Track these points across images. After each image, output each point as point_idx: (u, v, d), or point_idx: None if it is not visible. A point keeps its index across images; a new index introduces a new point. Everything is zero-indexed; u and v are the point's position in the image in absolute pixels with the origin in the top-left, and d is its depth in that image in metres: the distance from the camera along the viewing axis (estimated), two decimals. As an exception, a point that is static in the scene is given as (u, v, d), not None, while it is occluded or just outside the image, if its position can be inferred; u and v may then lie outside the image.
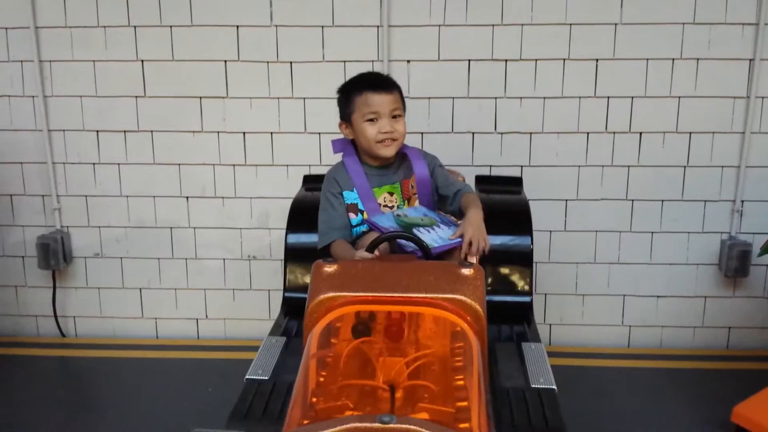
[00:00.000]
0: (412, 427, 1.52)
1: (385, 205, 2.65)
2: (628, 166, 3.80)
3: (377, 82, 2.60)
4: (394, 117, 2.56)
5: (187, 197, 3.96)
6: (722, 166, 3.78)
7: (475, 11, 3.63)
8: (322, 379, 1.80)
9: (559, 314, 4.03)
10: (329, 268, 2.19)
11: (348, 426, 1.53)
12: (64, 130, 3.92)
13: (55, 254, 3.95)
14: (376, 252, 2.40)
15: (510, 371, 2.52)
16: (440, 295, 2.06)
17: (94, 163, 3.95)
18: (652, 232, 3.89)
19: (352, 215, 2.64)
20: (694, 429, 3.19)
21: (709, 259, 3.91)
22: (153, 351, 4.00)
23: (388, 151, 2.58)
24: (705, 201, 3.84)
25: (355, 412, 1.66)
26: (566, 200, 3.86)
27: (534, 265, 3.52)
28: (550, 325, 4.05)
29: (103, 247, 4.06)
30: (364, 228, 2.65)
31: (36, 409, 3.37)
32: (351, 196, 2.64)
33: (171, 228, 4.01)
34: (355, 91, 2.58)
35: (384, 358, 1.86)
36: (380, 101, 2.53)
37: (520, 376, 2.47)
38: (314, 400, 1.70)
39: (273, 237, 3.97)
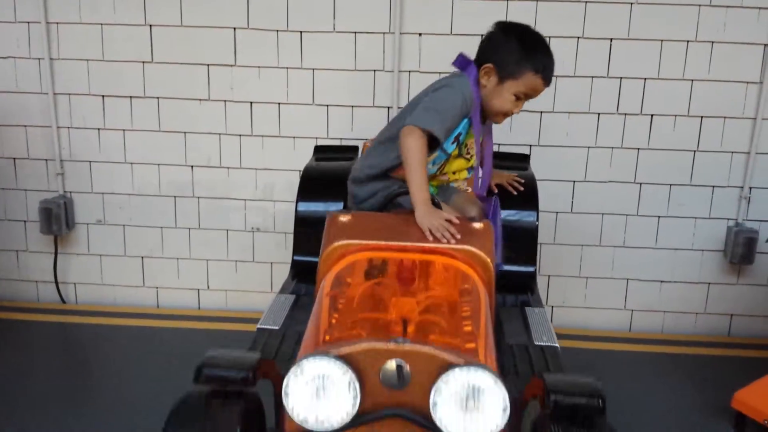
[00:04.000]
0: (425, 347, 1.58)
1: (468, 149, 2.56)
2: (638, 149, 3.77)
3: (550, 76, 2.44)
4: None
5: (192, 166, 3.93)
6: (732, 152, 3.76)
7: (490, -15, 3.59)
8: (334, 321, 1.82)
9: (562, 296, 4.02)
10: (344, 218, 2.25)
11: (364, 345, 1.58)
12: (69, 94, 3.87)
13: (57, 219, 3.92)
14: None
15: (514, 330, 2.54)
16: (452, 246, 2.12)
17: (99, 129, 3.91)
18: (659, 217, 3.87)
19: (451, 141, 2.47)
20: (695, 414, 3.19)
21: (714, 246, 3.90)
22: (153, 320, 3.98)
23: (498, 119, 2.52)
24: (713, 186, 3.82)
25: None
26: (574, 181, 3.84)
27: (538, 238, 3.58)
28: (552, 306, 4.04)
29: (105, 213, 4.03)
30: (443, 159, 2.52)
31: (34, 375, 3.35)
32: (463, 125, 2.46)
33: (175, 197, 3.98)
34: (533, 65, 2.38)
35: (396, 298, 1.88)
36: (541, 90, 2.44)
37: (524, 335, 2.49)
38: (327, 338, 1.71)
39: (277, 209, 3.95)
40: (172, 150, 3.91)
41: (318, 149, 3.39)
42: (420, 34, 3.67)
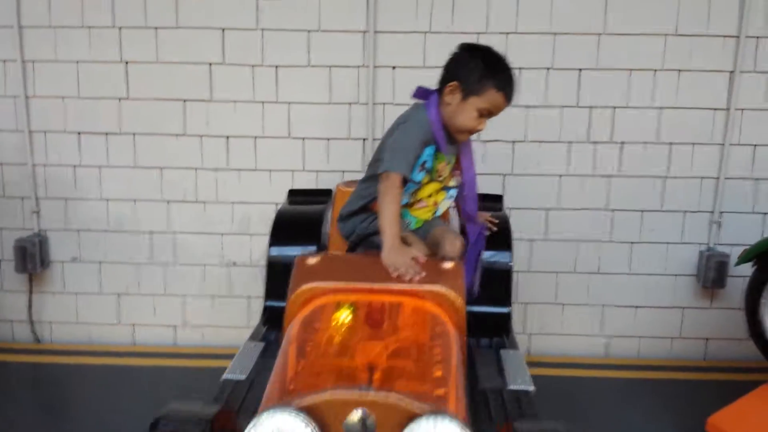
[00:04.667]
0: (390, 395, 1.56)
1: (439, 173, 2.58)
2: (609, 176, 3.84)
3: (513, 90, 2.48)
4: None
5: (168, 201, 3.93)
6: (702, 177, 3.84)
7: (461, 18, 3.67)
8: (299, 369, 1.79)
9: (539, 323, 4.04)
10: (312, 260, 2.22)
11: (327, 395, 1.56)
12: (45, 131, 3.87)
13: (32, 258, 3.88)
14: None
15: (488, 374, 2.55)
16: (421, 287, 2.09)
17: (74, 165, 3.90)
18: (632, 243, 3.92)
19: (418, 170, 2.51)
20: (670, 439, 3.21)
21: (687, 270, 3.95)
22: (129, 358, 3.93)
23: (463, 137, 2.53)
24: (684, 212, 3.89)
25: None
26: (547, 209, 3.89)
27: (514, 276, 3.59)
28: (530, 334, 4.05)
29: (81, 251, 4.00)
30: (413, 188, 2.57)
31: (6, 417, 3.28)
32: (428, 153, 2.50)
33: (151, 233, 3.97)
34: (495, 83, 2.41)
35: (364, 342, 1.86)
36: (503, 108, 2.47)
37: (498, 379, 2.49)
38: (291, 387, 1.69)
39: (254, 243, 3.94)
40: (148, 185, 3.91)
41: (292, 192, 3.41)
42: (394, 67, 3.73)
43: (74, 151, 3.88)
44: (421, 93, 2.58)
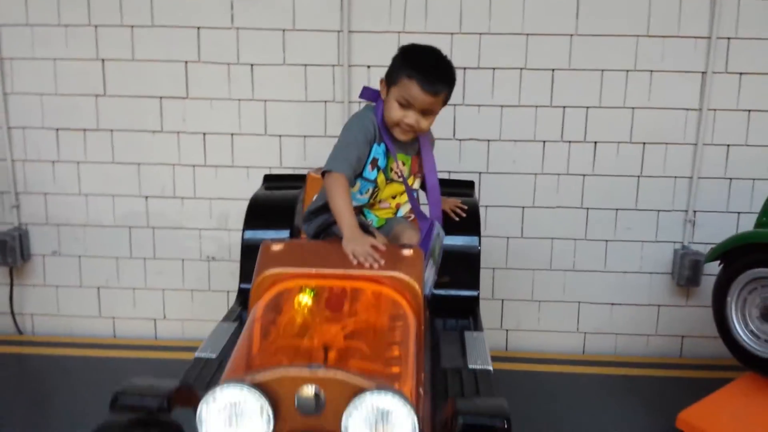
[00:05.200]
0: (338, 372, 1.62)
1: (395, 172, 2.59)
2: (584, 175, 3.86)
3: (431, 79, 2.42)
4: (425, 112, 2.47)
5: (147, 197, 3.97)
6: (675, 177, 3.86)
7: (435, 19, 3.68)
8: (258, 348, 1.87)
9: (516, 320, 4.08)
10: (276, 247, 2.28)
11: (279, 372, 1.63)
12: (23, 128, 3.92)
13: (12, 251, 3.95)
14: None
15: (450, 354, 2.60)
16: (380, 273, 2.15)
17: (53, 161, 3.96)
18: (607, 241, 3.95)
19: (369, 168, 2.54)
20: (642, 435, 3.25)
21: (662, 268, 3.98)
22: (110, 350, 3.99)
23: (402, 136, 2.50)
24: (658, 211, 3.91)
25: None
26: (523, 207, 3.92)
27: (491, 273, 3.65)
28: (507, 330, 4.10)
29: (61, 245, 4.06)
30: (369, 187, 2.60)
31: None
32: (377, 150, 2.53)
33: (130, 227, 4.02)
34: (409, 70, 2.41)
35: (322, 324, 1.93)
36: (421, 98, 2.41)
37: (460, 359, 2.54)
38: (249, 364, 1.76)
39: (232, 238, 3.99)
40: (126, 181, 3.96)
41: (267, 178, 3.45)
42: (369, 66, 3.76)
43: (53, 147, 3.93)
44: (367, 94, 2.62)
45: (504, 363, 3.91)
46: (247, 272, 3.05)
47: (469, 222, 3.03)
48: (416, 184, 2.69)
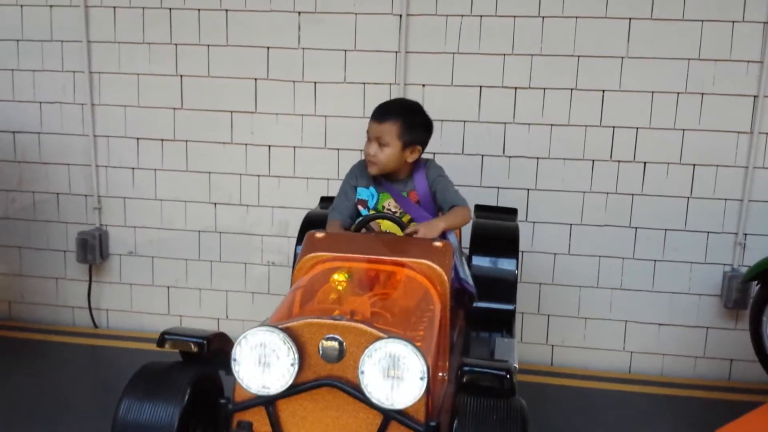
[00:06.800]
0: (359, 324, 1.84)
1: (388, 209, 2.87)
2: (632, 194, 3.93)
3: (380, 109, 2.83)
4: (379, 141, 2.76)
5: (215, 203, 4.26)
6: (725, 199, 3.88)
7: (488, 41, 3.86)
8: (295, 310, 2.10)
9: (561, 336, 4.15)
10: (319, 235, 2.56)
11: (305, 320, 1.87)
12: (108, 136, 4.28)
13: (92, 250, 4.29)
14: (363, 230, 2.75)
15: (478, 352, 2.79)
16: (410, 259, 2.38)
17: (133, 168, 4.30)
18: (655, 260, 3.99)
19: (361, 207, 2.90)
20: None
21: (711, 290, 3.98)
22: (178, 346, 4.25)
23: (371, 169, 2.82)
24: (708, 232, 3.93)
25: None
26: (571, 224, 4.01)
27: (537, 288, 3.88)
28: (552, 346, 4.17)
29: (136, 246, 4.39)
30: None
31: (69, 391, 3.65)
32: (365, 193, 2.90)
33: (199, 232, 4.31)
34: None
35: (353, 296, 2.14)
36: (373, 127, 2.78)
37: (487, 356, 2.71)
38: (283, 319, 1.98)
39: (291, 245, 4.19)
40: (198, 188, 4.26)
41: (323, 199, 3.69)
42: (423, 85, 3.95)
43: (133, 155, 4.28)
44: None
45: (549, 377, 3.99)
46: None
47: (508, 244, 3.21)
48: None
